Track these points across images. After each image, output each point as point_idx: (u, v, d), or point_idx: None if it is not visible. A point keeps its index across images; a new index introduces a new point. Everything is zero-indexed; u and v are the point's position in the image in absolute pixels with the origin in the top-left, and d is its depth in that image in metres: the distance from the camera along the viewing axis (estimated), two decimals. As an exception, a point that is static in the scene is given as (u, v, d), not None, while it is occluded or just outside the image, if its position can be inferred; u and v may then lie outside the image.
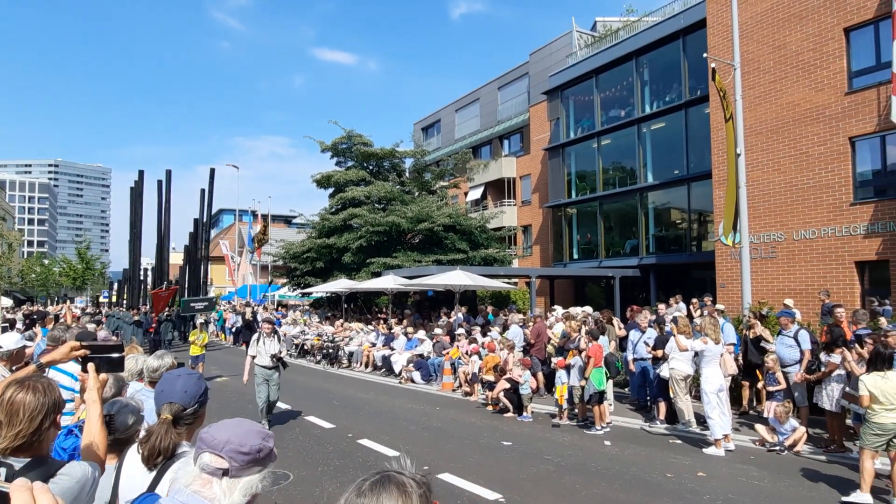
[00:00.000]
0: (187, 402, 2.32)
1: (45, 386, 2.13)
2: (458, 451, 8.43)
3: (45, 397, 2.10)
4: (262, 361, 9.76)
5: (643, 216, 23.81)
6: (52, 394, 2.14)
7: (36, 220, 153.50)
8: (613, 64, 24.73)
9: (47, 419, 2.09)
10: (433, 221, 24.06)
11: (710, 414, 8.18)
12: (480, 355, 12.79)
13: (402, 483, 1.23)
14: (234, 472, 1.58)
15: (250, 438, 1.62)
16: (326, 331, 20.86)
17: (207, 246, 35.51)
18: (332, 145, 29.13)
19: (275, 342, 9.96)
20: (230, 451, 1.58)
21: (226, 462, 1.57)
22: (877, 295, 13.66)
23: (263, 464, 1.64)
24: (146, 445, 2.20)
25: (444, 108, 40.91)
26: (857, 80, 15.09)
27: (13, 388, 2.10)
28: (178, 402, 2.31)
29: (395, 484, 1.23)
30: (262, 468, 1.64)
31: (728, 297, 16.31)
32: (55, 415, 2.16)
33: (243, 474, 1.59)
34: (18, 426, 2.00)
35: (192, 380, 2.40)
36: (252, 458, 1.60)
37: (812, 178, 15.70)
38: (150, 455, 2.18)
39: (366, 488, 1.22)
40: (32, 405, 2.06)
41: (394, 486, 1.22)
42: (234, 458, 1.58)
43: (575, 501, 6.28)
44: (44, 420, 2.08)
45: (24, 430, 2.00)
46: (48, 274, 63.28)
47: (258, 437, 1.65)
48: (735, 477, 7.08)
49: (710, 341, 8.42)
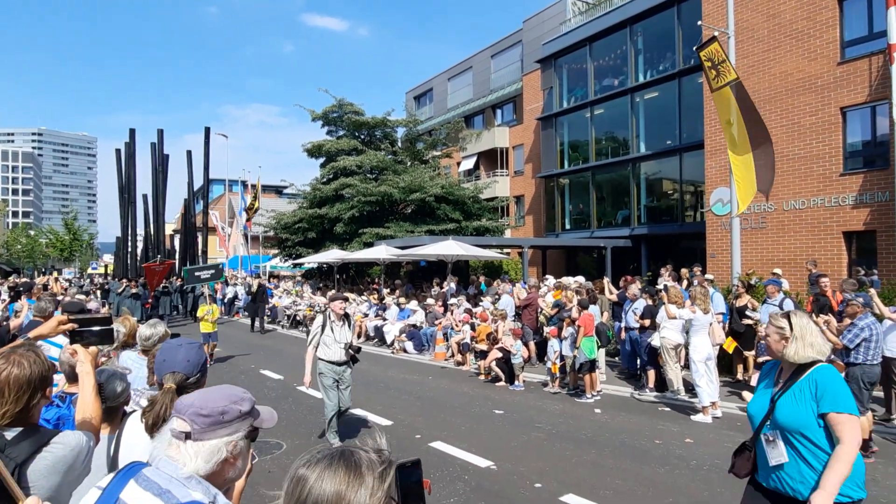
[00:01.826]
0: (190, 372, 2.36)
1: (31, 360, 2.09)
2: (451, 419, 8.56)
3: (32, 370, 2.06)
4: (330, 355, 7.16)
5: (635, 186, 23.84)
6: (39, 366, 2.10)
7: (20, 191, 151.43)
8: (607, 32, 24.44)
9: (36, 393, 2.06)
10: (426, 192, 23.96)
11: (698, 382, 8.34)
12: (473, 325, 12.89)
13: (356, 463, 1.15)
14: (196, 435, 1.56)
15: (214, 401, 1.60)
16: (318, 301, 20.91)
17: (206, 211, 34.31)
18: (322, 114, 28.76)
19: (346, 329, 7.43)
20: (192, 414, 1.57)
21: (188, 425, 1.56)
22: (863, 265, 13.84)
23: (232, 428, 1.59)
24: (150, 414, 2.21)
25: (437, 77, 40.40)
26: (850, 50, 15.03)
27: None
28: (181, 372, 2.34)
29: (346, 464, 1.15)
30: (230, 432, 1.59)
31: (718, 267, 16.47)
32: (44, 388, 2.12)
33: (207, 437, 1.56)
34: (5, 402, 1.97)
35: (193, 349, 2.43)
36: (214, 420, 1.57)
37: (803, 149, 15.74)
38: (155, 423, 2.19)
39: (313, 461, 1.16)
40: (20, 380, 2.02)
41: (342, 465, 1.14)
42: (195, 421, 1.56)
43: (565, 468, 6.42)
44: (32, 394, 2.04)
45: (10, 407, 1.97)
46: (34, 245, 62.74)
47: (224, 399, 1.61)
48: (721, 443, 7.25)
49: (698, 310, 8.53)
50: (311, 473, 1.13)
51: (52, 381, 2.25)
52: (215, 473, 1.58)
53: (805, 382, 2.91)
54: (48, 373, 2.14)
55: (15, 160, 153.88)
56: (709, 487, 5.79)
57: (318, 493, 1.11)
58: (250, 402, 1.68)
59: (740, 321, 10.06)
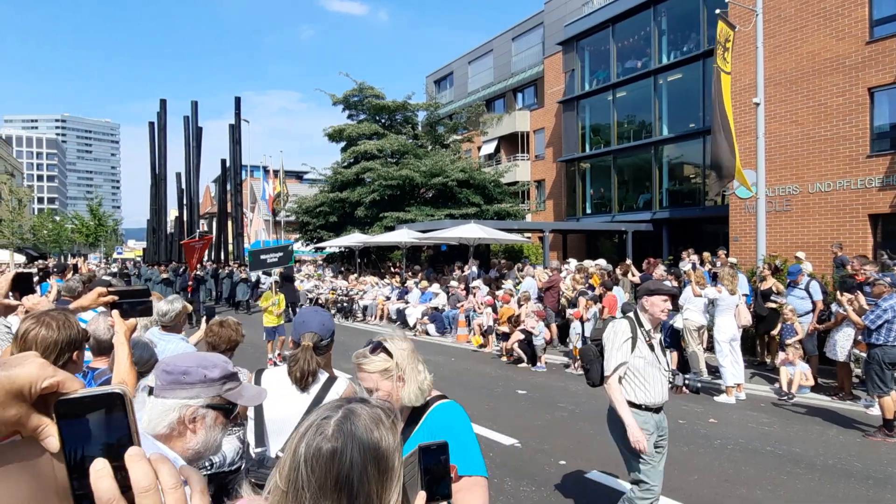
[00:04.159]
0: (324, 334, 2.60)
1: (60, 322, 2.10)
2: (474, 399, 8.69)
3: (60, 333, 2.07)
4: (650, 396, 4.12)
5: (657, 170, 23.63)
6: (68, 330, 2.10)
7: (45, 177, 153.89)
8: (631, 13, 24.10)
9: (63, 355, 2.06)
10: (447, 176, 23.99)
11: (723, 362, 8.38)
12: (495, 307, 13.00)
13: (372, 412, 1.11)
14: (157, 392, 1.57)
15: (181, 360, 1.59)
16: (340, 285, 21.15)
17: (240, 190, 31.48)
18: (343, 98, 28.84)
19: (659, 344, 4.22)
20: (159, 371, 1.61)
21: (153, 380, 1.61)
22: (888, 248, 13.65)
23: (192, 391, 1.56)
24: (296, 368, 2.47)
25: (457, 61, 40.18)
26: (879, 29, 14.70)
27: (28, 322, 2.08)
28: (318, 332, 2.58)
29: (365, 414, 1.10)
30: (189, 395, 1.55)
31: (741, 251, 16.34)
32: (72, 351, 2.13)
33: (165, 395, 1.55)
34: None
35: (326, 316, 2.73)
36: (174, 378, 1.55)
37: (829, 131, 15.49)
38: (302, 377, 2.47)
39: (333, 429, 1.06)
40: (47, 340, 2.03)
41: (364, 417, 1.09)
42: (159, 377, 1.59)
43: (590, 446, 6.52)
44: (59, 356, 2.05)
45: None
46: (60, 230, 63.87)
47: (192, 361, 1.59)
48: (745, 423, 7.30)
49: (724, 290, 8.54)
50: (337, 443, 1.04)
51: (83, 347, 2.28)
52: (169, 437, 1.54)
53: (423, 433, 2.09)
54: (78, 336, 2.16)
55: (39, 146, 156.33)
56: (734, 465, 5.86)
57: (358, 457, 1.04)
58: (223, 371, 1.59)
59: (764, 304, 10.03)
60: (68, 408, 0.61)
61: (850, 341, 8.05)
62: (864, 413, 7.46)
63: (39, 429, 0.61)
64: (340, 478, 1.01)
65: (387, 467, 1.06)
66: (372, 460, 1.04)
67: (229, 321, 3.89)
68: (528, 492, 5.31)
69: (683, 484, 5.40)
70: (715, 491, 5.29)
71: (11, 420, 0.59)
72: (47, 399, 0.61)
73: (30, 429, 0.61)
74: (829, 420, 7.31)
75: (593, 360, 4.14)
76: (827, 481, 5.43)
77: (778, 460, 5.98)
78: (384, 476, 1.05)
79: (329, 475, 1.01)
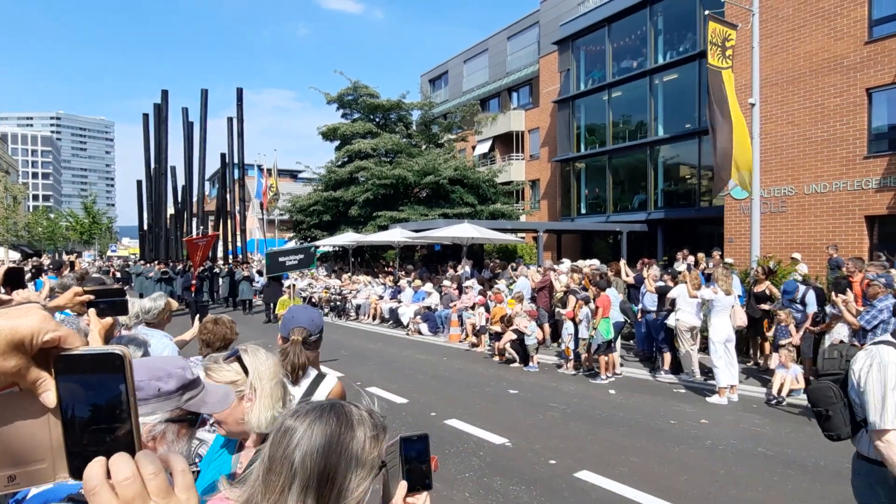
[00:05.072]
0: (313, 330, 2.68)
1: None
2: (465, 398, 8.59)
3: None
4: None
5: (652, 170, 23.57)
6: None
7: (40, 174, 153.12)
8: (627, 12, 24.04)
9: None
10: (439, 174, 23.89)
11: (717, 363, 8.27)
12: (488, 307, 12.89)
13: (347, 416, 1.10)
14: None
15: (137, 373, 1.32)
16: (333, 284, 21.02)
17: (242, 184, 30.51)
18: (337, 97, 28.72)
19: None
20: None
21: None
22: (884, 250, 13.60)
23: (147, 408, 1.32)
24: (287, 362, 2.50)
25: (452, 60, 40.09)
26: (878, 29, 14.66)
27: None
28: (307, 328, 2.65)
29: (336, 416, 1.10)
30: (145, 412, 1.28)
31: (736, 252, 16.27)
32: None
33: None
34: None
35: (316, 312, 2.81)
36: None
37: (826, 131, 15.44)
38: (293, 370, 2.52)
39: (301, 412, 1.11)
40: None
41: (333, 417, 1.09)
42: None
43: (580, 446, 6.42)
44: None
45: None
46: (55, 228, 63.57)
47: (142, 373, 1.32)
48: (737, 423, 7.21)
49: (720, 291, 8.44)
50: (298, 424, 1.08)
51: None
52: None
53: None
54: None
55: (34, 144, 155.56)
56: (724, 466, 5.77)
57: (308, 444, 1.06)
58: (179, 380, 1.38)
59: (756, 307, 9.95)
60: (68, 364, 0.60)
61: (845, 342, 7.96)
62: (858, 414, 7.37)
63: (38, 382, 0.60)
64: (285, 454, 1.06)
65: (337, 463, 1.06)
66: (320, 450, 1.06)
67: (223, 318, 3.91)
68: (518, 491, 5.21)
69: (674, 484, 5.31)
70: (706, 491, 5.19)
71: (10, 371, 0.59)
72: (48, 353, 0.61)
73: (28, 381, 0.60)
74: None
75: (835, 403, 2.95)
76: (818, 482, 5.34)
77: (769, 461, 5.88)
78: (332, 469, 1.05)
79: (278, 449, 1.07)
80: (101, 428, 0.60)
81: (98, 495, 0.57)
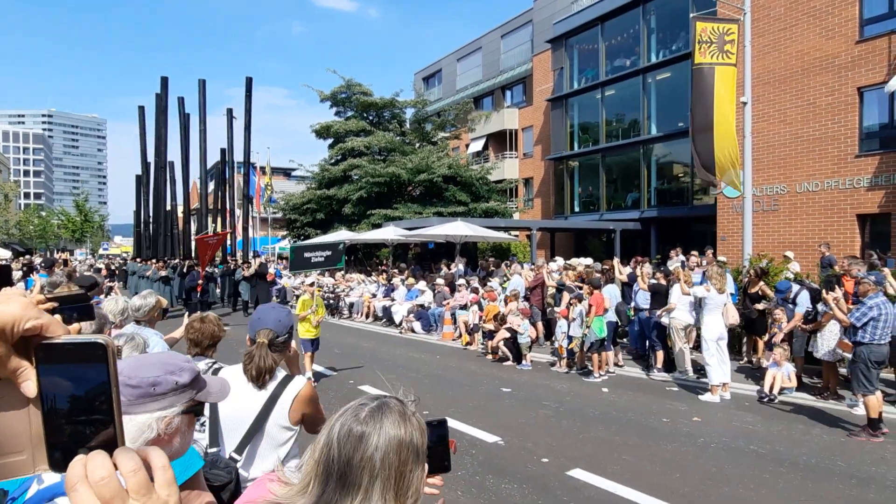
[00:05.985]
0: (280, 331, 2.58)
1: None
2: (459, 396, 8.58)
3: None
4: None
5: (646, 169, 23.62)
6: None
7: (31, 172, 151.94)
8: (619, 11, 24.08)
9: None
10: (432, 172, 23.87)
11: (709, 361, 8.29)
12: (481, 305, 12.88)
13: (403, 410, 1.22)
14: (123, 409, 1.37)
15: (146, 370, 1.41)
16: (327, 282, 20.96)
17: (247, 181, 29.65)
18: (331, 95, 28.66)
19: None
20: (120, 384, 1.39)
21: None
22: (877, 248, 13.68)
23: (165, 401, 1.41)
24: (252, 366, 2.45)
25: (446, 58, 40.05)
26: (869, 28, 14.73)
27: None
28: (273, 329, 2.56)
29: (397, 410, 1.21)
30: (163, 406, 1.41)
31: (728, 250, 16.33)
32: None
33: (135, 411, 1.38)
34: None
35: (284, 312, 2.70)
36: (143, 392, 1.39)
37: (818, 130, 15.51)
38: (259, 374, 2.45)
39: (365, 415, 1.19)
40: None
41: (395, 411, 1.21)
42: (123, 392, 1.36)
43: (573, 444, 6.42)
44: None
45: None
46: (46, 226, 63.13)
47: (158, 368, 1.42)
48: (730, 421, 7.23)
49: (713, 289, 8.45)
50: (370, 428, 1.16)
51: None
52: None
53: None
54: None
55: (26, 141, 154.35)
56: (717, 464, 5.78)
57: (386, 445, 1.15)
58: (191, 372, 1.48)
59: (752, 307, 9.97)
60: (50, 353, 0.58)
61: (836, 340, 8.00)
62: (849, 412, 7.41)
63: (18, 371, 0.58)
64: (364, 458, 1.14)
65: (407, 458, 1.17)
66: (394, 449, 1.15)
67: (210, 316, 3.82)
68: (510, 489, 5.20)
69: (666, 481, 5.31)
70: (697, 489, 5.20)
71: None
72: (28, 342, 0.59)
73: (8, 370, 0.58)
74: (814, 419, 7.24)
75: None
76: (810, 480, 5.36)
77: (761, 459, 5.90)
78: (404, 464, 1.16)
79: (355, 453, 1.14)
80: (82, 419, 0.59)
81: (77, 492, 0.56)
